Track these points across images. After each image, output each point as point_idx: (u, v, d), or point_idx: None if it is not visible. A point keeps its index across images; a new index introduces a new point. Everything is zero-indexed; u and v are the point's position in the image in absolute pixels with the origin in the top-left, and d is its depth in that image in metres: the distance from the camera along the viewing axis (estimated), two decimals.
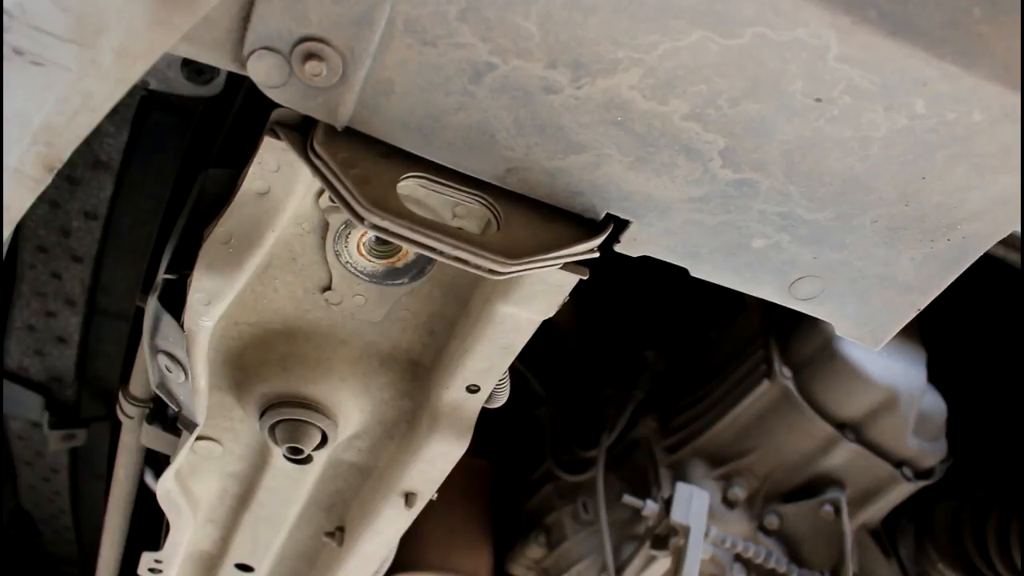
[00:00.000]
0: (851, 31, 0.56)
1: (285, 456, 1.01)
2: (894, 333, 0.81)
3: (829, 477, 1.64)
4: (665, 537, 1.49)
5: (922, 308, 0.79)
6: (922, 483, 1.63)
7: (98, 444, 1.65)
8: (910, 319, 0.80)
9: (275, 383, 0.97)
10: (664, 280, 1.80)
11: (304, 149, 0.68)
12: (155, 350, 0.96)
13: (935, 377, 1.62)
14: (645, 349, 1.91)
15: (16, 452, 1.69)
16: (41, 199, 1.17)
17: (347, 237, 0.86)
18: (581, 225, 0.72)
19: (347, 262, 0.88)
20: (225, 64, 0.62)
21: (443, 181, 0.70)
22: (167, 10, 0.52)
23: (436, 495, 1.08)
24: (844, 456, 1.60)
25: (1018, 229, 0.71)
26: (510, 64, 0.60)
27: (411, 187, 0.70)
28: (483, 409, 0.98)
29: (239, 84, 1.04)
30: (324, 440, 1.00)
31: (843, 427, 1.58)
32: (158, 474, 1.16)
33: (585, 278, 0.80)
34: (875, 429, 1.58)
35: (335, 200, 0.67)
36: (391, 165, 0.68)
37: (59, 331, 1.39)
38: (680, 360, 1.91)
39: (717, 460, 1.69)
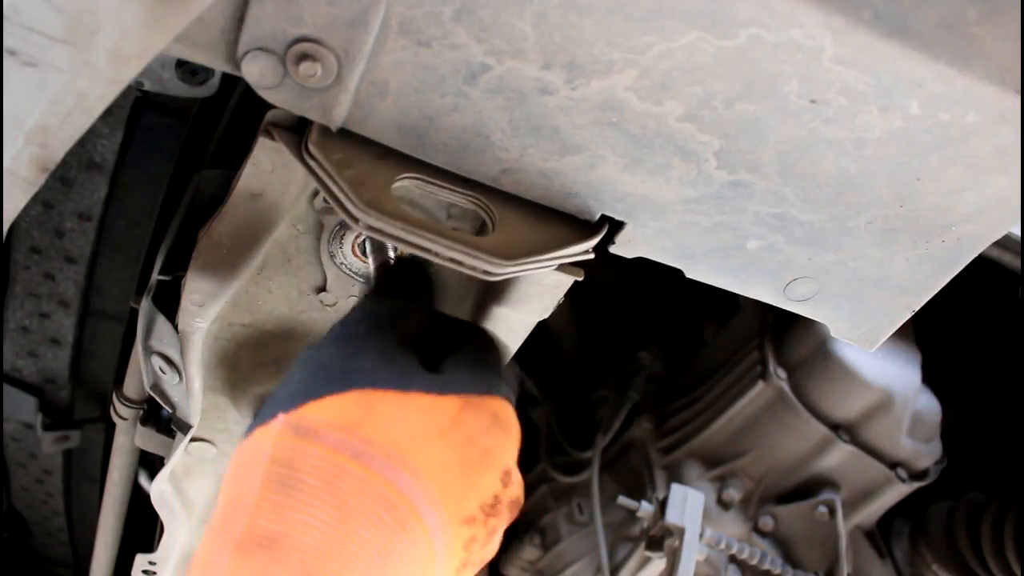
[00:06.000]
0: (846, 32, 0.56)
1: None
2: (889, 334, 0.82)
3: (824, 478, 1.64)
4: (660, 538, 1.49)
5: (917, 309, 0.79)
6: (917, 484, 1.63)
7: (92, 446, 1.65)
8: (905, 320, 0.80)
9: (270, 384, 0.97)
10: (659, 281, 1.80)
11: (299, 150, 0.68)
12: (149, 351, 0.96)
13: (930, 378, 1.62)
14: (640, 350, 1.90)
15: (9, 454, 1.68)
16: (35, 200, 1.17)
17: (342, 238, 0.86)
18: (576, 226, 0.72)
19: (342, 263, 0.88)
20: (219, 65, 0.62)
21: (438, 182, 0.69)
22: (161, 11, 0.51)
23: None
24: (839, 457, 1.60)
25: (1012, 230, 0.72)
26: (505, 65, 0.60)
27: (406, 188, 0.70)
28: None
29: (234, 85, 1.04)
30: None
31: (837, 428, 1.58)
32: (152, 476, 1.16)
33: (580, 279, 0.80)
34: (870, 430, 1.58)
35: (329, 201, 0.67)
36: (386, 166, 0.68)
37: (53, 332, 1.39)
38: (675, 361, 1.91)
39: (712, 461, 1.69)
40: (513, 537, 1.95)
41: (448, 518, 0.61)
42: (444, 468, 0.62)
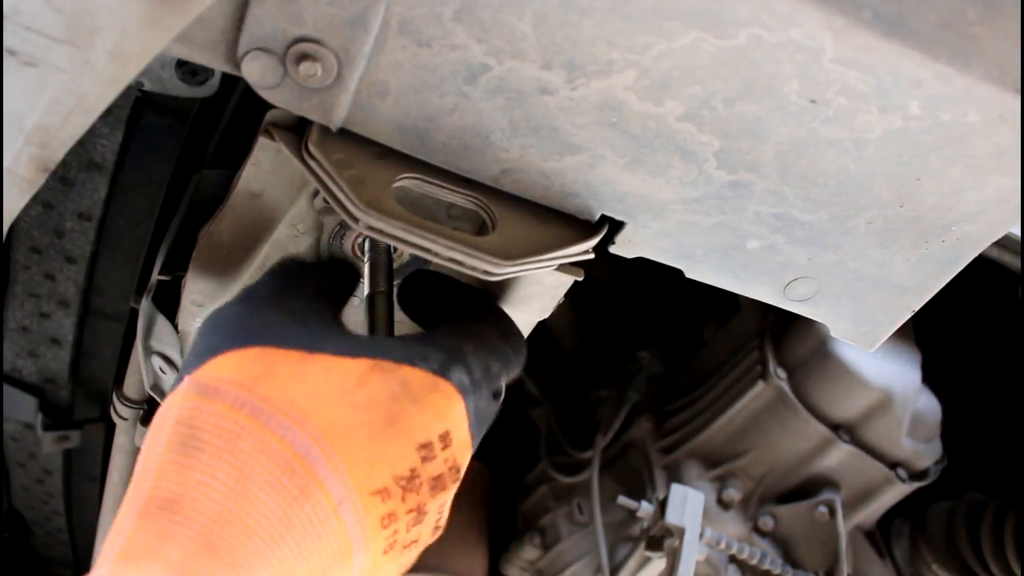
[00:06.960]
0: (846, 32, 0.56)
1: None
2: (889, 334, 0.81)
3: (824, 478, 1.64)
4: (660, 538, 1.49)
5: (917, 309, 0.79)
6: (917, 484, 1.63)
7: (92, 446, 1.65)
8: (905, 320, 0.80)
9: None
10: (659, 281, 1.80)
11: (299, 150, 0.68)
12: (149, 351, 0.96)
13: (930, 378, 1.62)
14: (640, 350, 1.90)
15: (9, 454, 1.68)
16: (34, 200, 1.17)
17: (342, 238, 0.86)
18: (576, 226, 0.72)
19: None
20: (219, 65, 0.62)
21: (438, 182, 0.69)
22: (161, 11, 0.51)
23: None
24: (838, 457, 1.60)
25: (1012, 230, 0.72)
26: (505, 65, 0.60)
27: (406, 188, 0.70)
28: None
29: (234, 85, 1.04)
30: None
31: (838, 428, 1.58)
32: None
33: (580, 279, 0.80)
34: (870, 430, 1.58)
35: (329, 201, 0.67)
36: (386, 166, 0.68)
37: (53, 332, 1.38)
38: (675, 361, 1.91)
39: (712, 461, 1.69)
40: (513, 537, 1.95)
41: (356, 488, 0.57)
42: (347, 432, 0.58)
